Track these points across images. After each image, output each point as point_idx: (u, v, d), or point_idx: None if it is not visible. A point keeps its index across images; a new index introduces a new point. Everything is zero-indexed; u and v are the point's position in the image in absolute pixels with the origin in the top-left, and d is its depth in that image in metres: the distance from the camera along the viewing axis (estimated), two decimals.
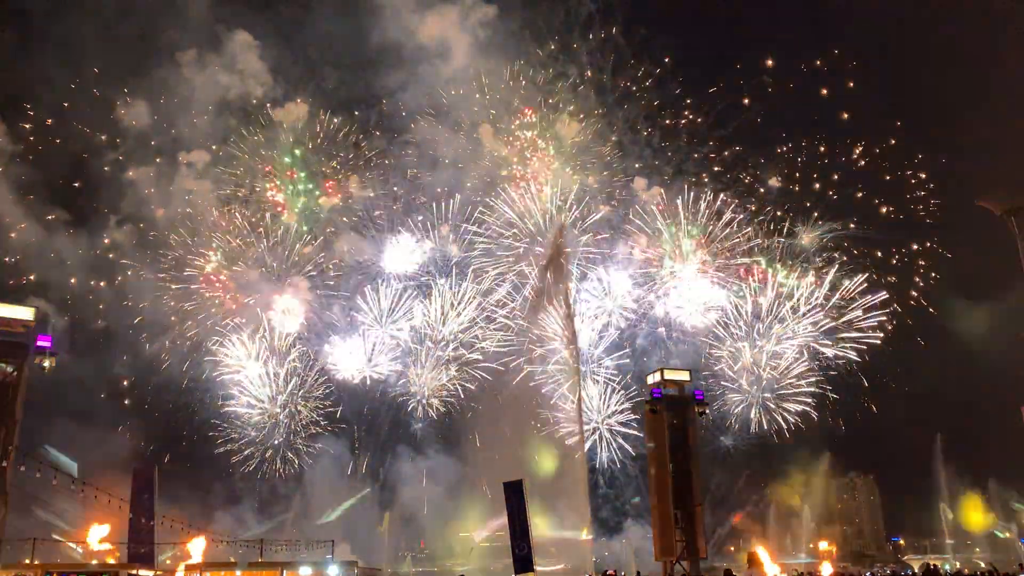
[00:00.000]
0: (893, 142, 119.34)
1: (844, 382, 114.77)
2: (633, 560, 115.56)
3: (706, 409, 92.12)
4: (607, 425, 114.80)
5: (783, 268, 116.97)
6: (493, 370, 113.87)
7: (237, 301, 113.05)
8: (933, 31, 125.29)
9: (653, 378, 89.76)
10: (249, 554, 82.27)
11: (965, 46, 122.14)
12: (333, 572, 76.42)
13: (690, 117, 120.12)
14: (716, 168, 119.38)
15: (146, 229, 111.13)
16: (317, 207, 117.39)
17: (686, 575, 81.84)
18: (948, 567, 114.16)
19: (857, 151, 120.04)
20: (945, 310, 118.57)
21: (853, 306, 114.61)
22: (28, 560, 66.16)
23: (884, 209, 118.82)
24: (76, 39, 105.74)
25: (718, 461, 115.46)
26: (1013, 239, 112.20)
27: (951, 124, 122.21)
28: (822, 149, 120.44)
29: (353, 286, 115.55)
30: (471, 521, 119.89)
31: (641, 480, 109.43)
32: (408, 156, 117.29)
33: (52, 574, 64.22)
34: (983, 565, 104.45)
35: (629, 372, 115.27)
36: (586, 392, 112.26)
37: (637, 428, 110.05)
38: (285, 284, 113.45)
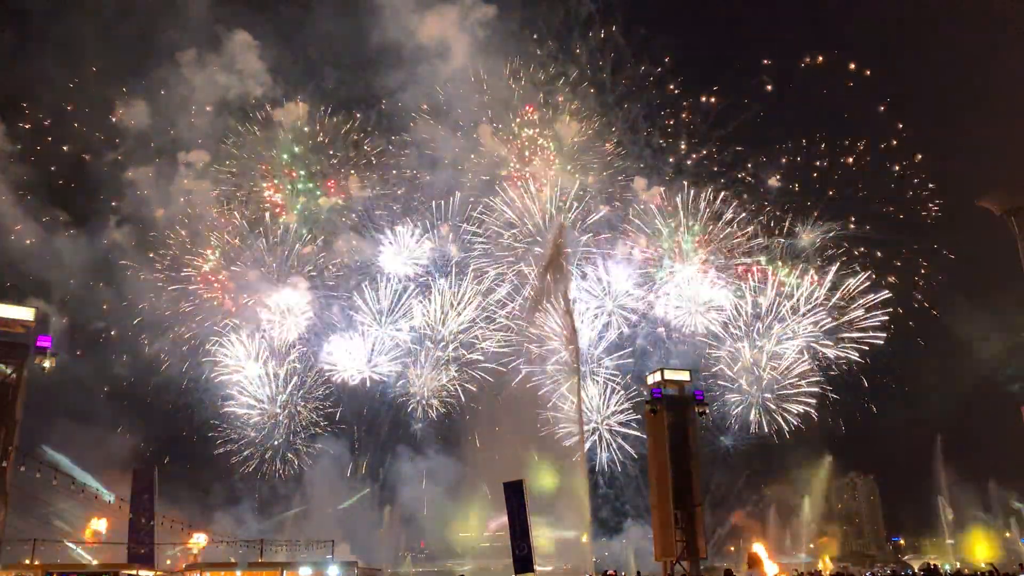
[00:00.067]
0: (894, 142, 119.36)
1: (844, 382, 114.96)
2: (633, 560, 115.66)
3: (706, 409, 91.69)
4: (607, 425, 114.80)
5: (783, 268, 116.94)
6: (493, 370, 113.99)
7: (236, 301, 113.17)
8: (933, 31, 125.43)
9: (653, 378, 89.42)
10: (249, 554, 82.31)
11: (965, 46, 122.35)
12: (333, 572, 76.47)
13: (690, 117, 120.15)
14: (716, 168, 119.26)
15: (146, 229, 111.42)
16: (316, 207, 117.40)
17: (686, 575, 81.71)
18: (948, 567, 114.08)
19: (857, 151, 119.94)
20: (945, 310, 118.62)
21: (854, 306, 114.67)
22: (28, 560, 66.15)
23: (884, 209, 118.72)
24: (76, 39, 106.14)
25: (718, 461, 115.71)
26: (1013, 239, 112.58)
27: (951, 124, 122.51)
28: (823, 147, 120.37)
29: (353, 286, 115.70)
30: (471, 521, 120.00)
31: (641, 480, 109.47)
32: (408, 156, 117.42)
33: (52, 574, 64.29)
34: (983, 565, 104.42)
35: (629, 372, 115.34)
36: (586, 392, 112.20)
37: (637, 428, 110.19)
38: (285, 284, 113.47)
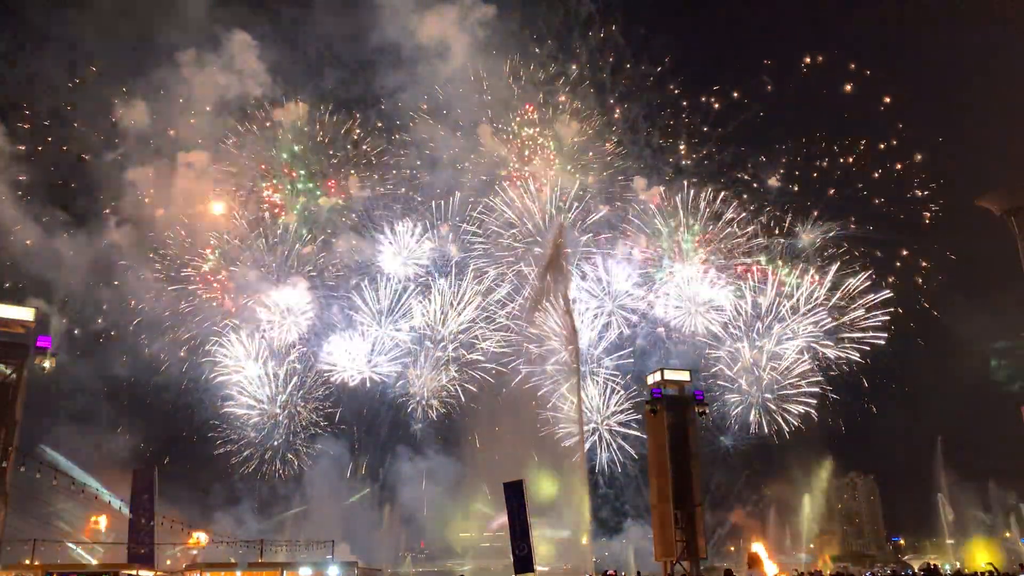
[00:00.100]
0: (894, 142, 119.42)
1: (844, 382, 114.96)
2: (633, 560, 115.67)
3: (706, 409, 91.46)
4: (607, 426, 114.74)
5: (783, 267, 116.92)
6: (493, 371, 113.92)
7: (236, 301, 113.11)
8: (933, 31, 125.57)
9: (653, 378, 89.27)
10: (249, 554, 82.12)
11: (965, 46, 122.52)
12: (333, 572, 76.33)
13: (690, 117, 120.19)
14: (716, 168, 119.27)
15: (145, 229, 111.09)
16: (316, 207, 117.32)
17: (687, 575, 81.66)
18: (948, 567, 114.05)
19: (858, 151, 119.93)
20: (945, 310, 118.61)
21: (854, 306, 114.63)
22: (28, 560, 66.10)
23: (884, 209, 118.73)
24: (75, 39, 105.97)
25: (718, 461, 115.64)
26: (1013, 239, 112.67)
27: (951, 124, 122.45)
28: (823, 147, 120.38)
29: (352, 286, 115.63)
30: (471, 521, 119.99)
31: (641, 480, 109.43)
32: (407, 156, 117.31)
33: (52, 574, 64.22)
34: (983, 565, 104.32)
35: (629, 372, 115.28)
36: (586, 392, 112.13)
37: (637, 428, 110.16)
38: (284, 284, 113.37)
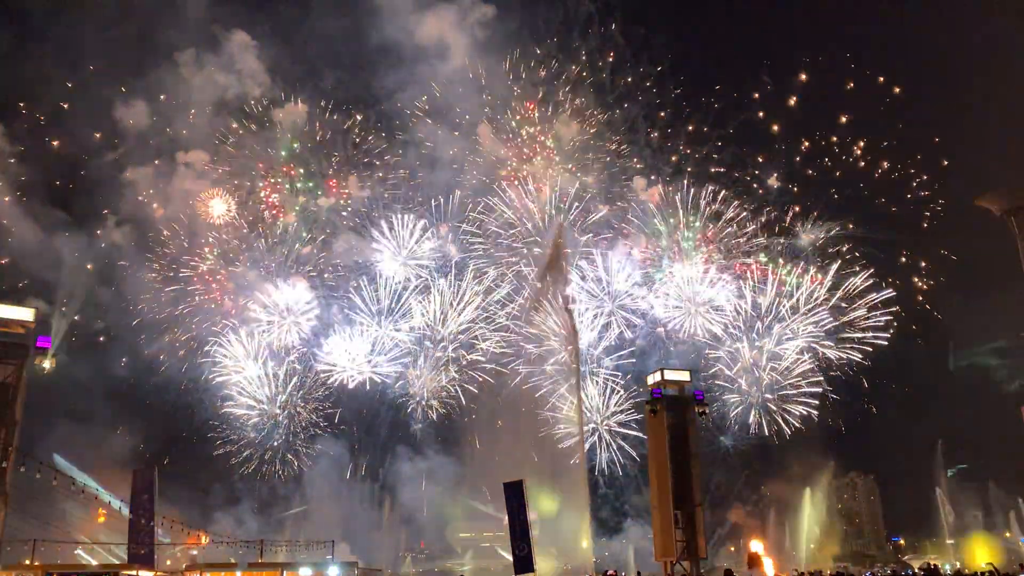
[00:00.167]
0: (894, 142, 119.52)
1: (844, 382, 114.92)
2: (633, 560, 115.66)
3: (706, 409, 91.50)
4: (606, 426, 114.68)
5: (784, 267, 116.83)
6: (493, 371, 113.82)
7: (235, 302, 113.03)
8: (933, 30, 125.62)
9: (653, 378, 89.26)
10: (249, 555, 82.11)
11: (965, 46, 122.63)
12: (333, 572, 76.35)
13: (690, 116, 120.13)
14: (716, 168, 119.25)
15: (145, 229, 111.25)
16: (316, 207, 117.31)
17: (687, 575, 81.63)
18: (948, 567, 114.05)
19: (858, 151, 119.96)
20: (945, 310, 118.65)
21: (855, 306, 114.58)
22: (28, 561, 66.01)
23: (884, 209, 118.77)
24: (74, 39, 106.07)
25: (718, 461, 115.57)
26: (1013, 239, 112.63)
27: (951, 124, 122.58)
28: (823, 147, 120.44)
29: (352, 286, 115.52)
30: (471, 521, 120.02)
31: (641, 480, 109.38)
32: (407, 156, 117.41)
33: (53, 574, 64.16)
34: (983, 565, 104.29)
35: (629, 372, 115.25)
36: (585, 393, 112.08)
37: (637, 428, 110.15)
38: (284, 284, 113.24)
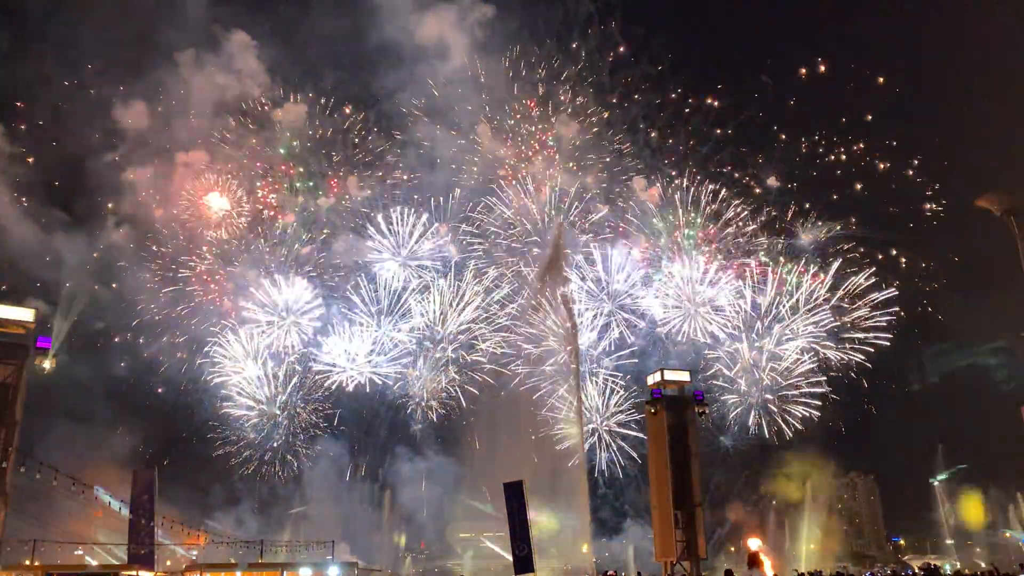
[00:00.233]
0: (894, 143, 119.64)
1: (844, 382, 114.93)
2: (632, 560, 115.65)
3: (706, 409, 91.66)
4: (606, 427, 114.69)
5: (784, 267, 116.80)
6: (493, 371, 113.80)
7: (235, 302, 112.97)
8: (933, 30, 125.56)
9: (653, 378, 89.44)
10: (249, 555, 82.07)
11: (965, 46, 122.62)
12: (333, 573, 76.30)
13: (690, 117, 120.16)
14: (716, 168, 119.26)
15: (144, 230, 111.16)
16: (316, 207, 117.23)
17: (687, 575, 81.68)
18: (948, 567, 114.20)
19: (858, 151, 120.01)
20: (945, 310, 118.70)
21: (855, 306, 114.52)
22: (28, 561, 65.96)
23: (884, 209, 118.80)
24: (74, 39, 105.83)
25: (718, 461, 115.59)
26: (1013, 239, 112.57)
27: (951, 124, 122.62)
28: (823, 148, 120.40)
29: (352, 286, 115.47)
30: (471, 521, 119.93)
31: (641, 480, 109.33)
32: (407, 156, 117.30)
33: (52, 575, 64.10)
34: (983, 565, 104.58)
35: (628, 373, 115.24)
36: (585, 393, 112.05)
37: (637, 428, 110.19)
38: (283, 284, 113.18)
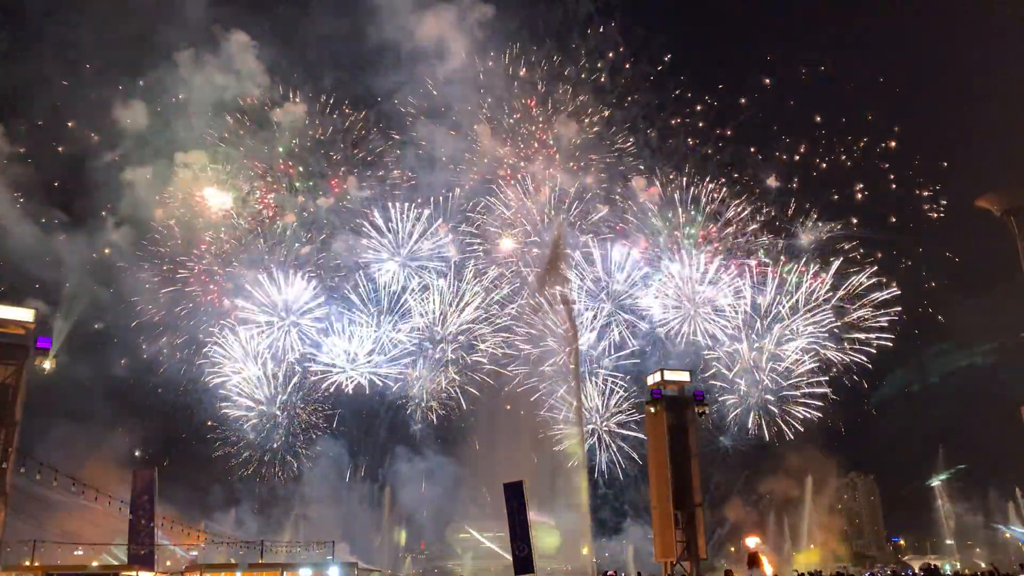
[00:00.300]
0: (892, 144, 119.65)
1: (844, 383, 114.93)
2: (632, 561, 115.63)
3: (706, 409, 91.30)
4: (606, 427, 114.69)
5: (784, 267, 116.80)
6: (493, 372, 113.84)
7: (234, 302, 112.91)
8: (934, 31, 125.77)
9: (653, 378, 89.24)
10: (249, 555, 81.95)
11: (966, 46, 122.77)
12: (333, 573, 76.11)
13: (689, 116, 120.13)
14: (715, 168, 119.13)
15: (144, 230, 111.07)
16: (315, 207, 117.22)
17: (687, 575, 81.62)
18: (948, 567, 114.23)
19: (858, 151, 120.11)
20: (945, 310, 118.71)
21: (856, 306, 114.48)
22: (28, 562, 65.85)
23: (884, 209, 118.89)
24: (73, 39, 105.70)
25: (718, 461, 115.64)
26: (1013, 239, 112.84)
27: (951, 124, 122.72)
28: (823, 147, 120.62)
29: (351, 287, 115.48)
30: (470, 522, 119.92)
31: (641, 480, 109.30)
32: (406, 156, 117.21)
33: (52, 575, 63.97)
34: (983, 565, 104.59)
35: (628, 373, 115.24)
36: (585, 394, 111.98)
37: (637, 429, 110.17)
38: (283, 285, 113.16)
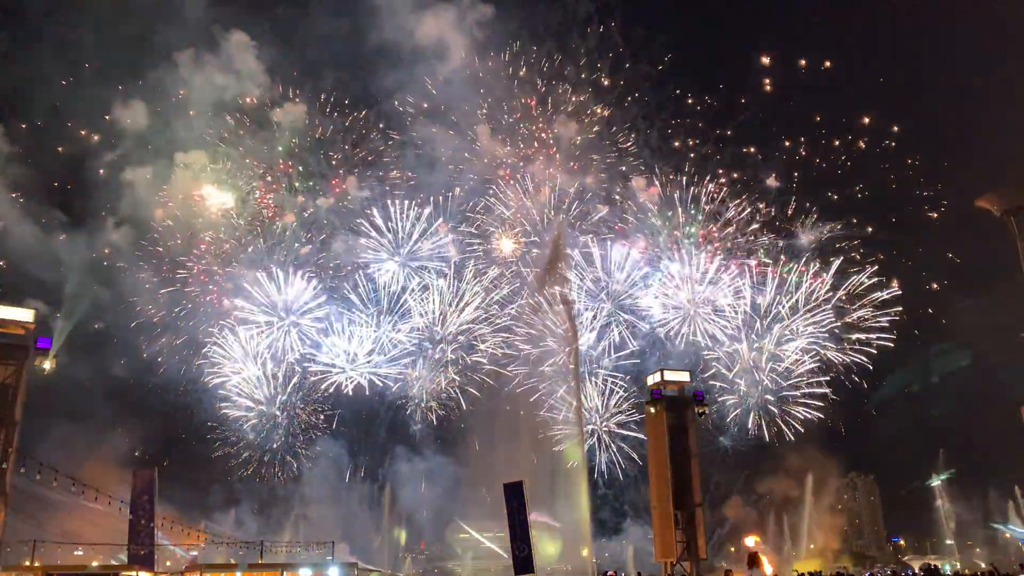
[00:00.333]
0: (892, 144, 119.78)
1: (845, 383, 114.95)
2: (631, 561, 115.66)
3: (706, 409, 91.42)
4: (605, 427, 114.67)
5: (784, 267, 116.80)
6: (492, 372, 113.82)
7: (234, 303, 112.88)
8: (934, 30, 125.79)
9: (653, 379, 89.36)
10: (249, 556, 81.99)
11: (966, 46, 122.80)
12: (333, 573, 76.17)
13: (689, 116, 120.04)
14: (715, 167, 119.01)
15: (143, 230, 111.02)
16: (315, 207, 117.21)
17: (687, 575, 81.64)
18: (948, 567, 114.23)
19: (858, 151, 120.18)
20: (945, 310, 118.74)
21: (856, 306, 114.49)
22: (28, 562, 65.85)
23: (884, 209, 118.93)
24: (73, 39, 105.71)
25: (717, 461, 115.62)
26: (1013, 239, 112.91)
27: (951, 124, 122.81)
28: (823, 147, 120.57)
29: (351, 287, 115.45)
30: (470, 522, 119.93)
31: (641, 480, 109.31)
32: (406, 156, 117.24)
33: (52, 575, 63.97)
34: (983, 565, 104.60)
35: (628, 373, 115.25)
36: (585, 394, 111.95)
37: (637, 429, 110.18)
38: (283, 285, 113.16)
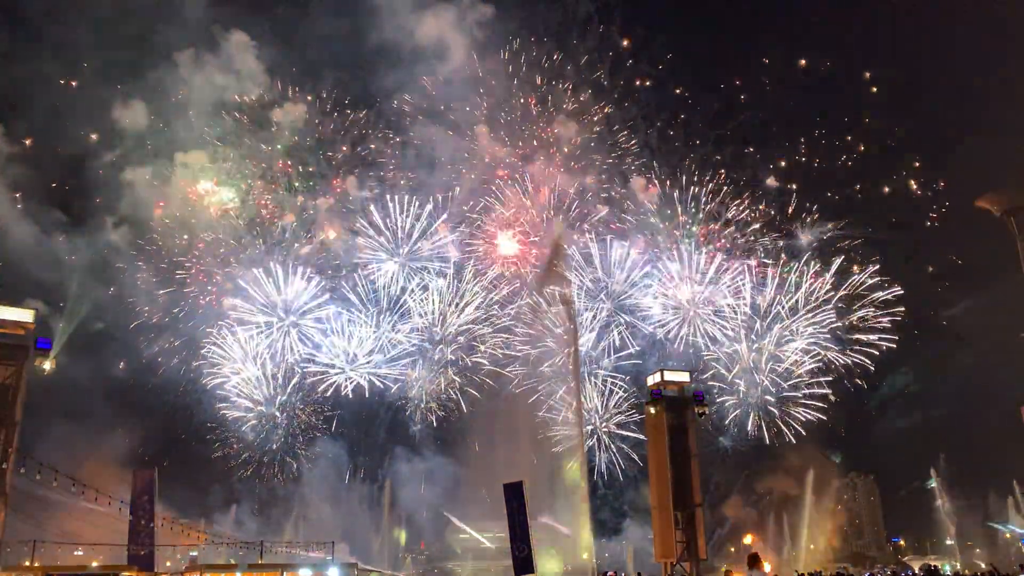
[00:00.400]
0: (892, 144, 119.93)
1: (845, 383, 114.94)
2: (631, 561, 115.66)
3: (706, 410, 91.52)
4: (605, 428, 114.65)
5: (784, 268, 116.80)
6: (492, 373, 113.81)
7: (233, 303, 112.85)
8: (933, 30, 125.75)
9: (653, 379, 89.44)
10: (249, 556, 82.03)
11: (965, 46, 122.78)
12: (333, 574, 76.18)
13: (689, 116, 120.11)
14: (715, 168, 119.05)
15: (143, 230, 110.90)
16: (315, 207, 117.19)
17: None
18: (948, 567, 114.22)
19: (858, 151, 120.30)
20: (945, 310, 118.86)
21: (858, 306, 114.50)
22: (28, 562, 65.84)
23: (884, 209, 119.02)
24: (72, 39, 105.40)
25: (717, 461, 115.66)
26: (1013, 239, 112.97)
27: (951, 124, 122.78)
28: (822, 147, 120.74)
29: (351, 287, 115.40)
30: (470, 522, 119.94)
31: (641, 481, 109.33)
32: (406, 156, 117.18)
33: (52, 575, 63.98)
34: (983, 565, 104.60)
35: (628, 373, 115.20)
36: (585, 395, 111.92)
37: (637, 429, 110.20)
38: (282, 285, 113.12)
